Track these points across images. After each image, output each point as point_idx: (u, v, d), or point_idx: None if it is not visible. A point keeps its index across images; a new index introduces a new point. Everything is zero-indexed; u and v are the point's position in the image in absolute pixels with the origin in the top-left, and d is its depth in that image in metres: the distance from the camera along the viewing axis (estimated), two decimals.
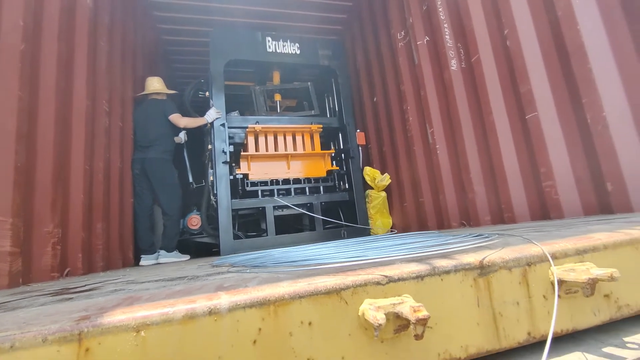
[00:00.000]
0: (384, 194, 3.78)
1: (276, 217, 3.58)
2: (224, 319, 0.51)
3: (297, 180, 3.77)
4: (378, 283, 0.59)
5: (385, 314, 0.54)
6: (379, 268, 0.64)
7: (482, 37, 2.53)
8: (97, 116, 2.65)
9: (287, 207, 3.79)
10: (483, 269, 0.66)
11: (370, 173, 3.82)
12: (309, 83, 4.36)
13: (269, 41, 3.99)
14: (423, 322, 0.52)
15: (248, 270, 0.83)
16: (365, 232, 3.76)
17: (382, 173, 3.86)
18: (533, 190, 2.20)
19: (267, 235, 3.63)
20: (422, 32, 3.22)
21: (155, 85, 3.52)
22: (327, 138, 4.29)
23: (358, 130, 4.16)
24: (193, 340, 0.49)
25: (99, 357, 0.46)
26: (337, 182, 4.00)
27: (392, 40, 3.71)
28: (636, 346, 0.69)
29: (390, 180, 3.75)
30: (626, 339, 0.72)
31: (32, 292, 1.11)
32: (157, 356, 0.48)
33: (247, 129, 3.66)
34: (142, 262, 3.07)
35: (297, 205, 3.65)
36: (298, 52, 4.07)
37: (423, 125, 3.24)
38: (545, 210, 2.09)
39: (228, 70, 3.82)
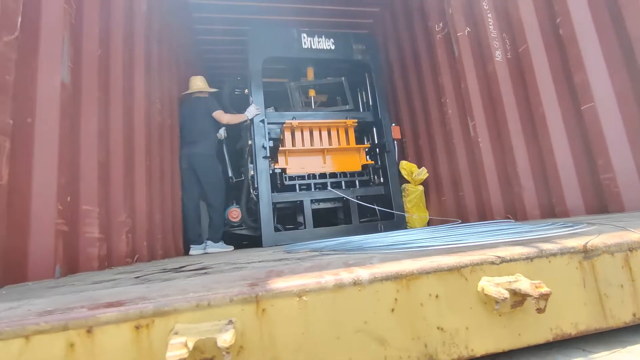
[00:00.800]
0: (421, 187, 3.78)
1: (312, 211, 3.67)
2: (366, 289, 0.58)
3: (333, 175, 3.84)
4: (492, 263, 0.65)
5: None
6: (484, 250, 0.70)
7: (530, 27, 2.47)
8: (152, 114, 2.82)
9: (322, 200, 3.88)
10: (587, 253, 0.69)
11: (406, 167, 3.83)
12: (342, 78, 4.40)
13: (304, 37, 4.05)
14: (545, 296, 0.57)
15: (349, 253, 0.90)
16: (402, 225, 3.78)
17: (419, 167, 3.85)
18: (588, 183, 2.14)
19: (304, 227, 3.73)
20: (462, 23, 3.17)
21: (198, 84, 3.69)
22: (360, 132, 4.31)
23: (393, 124, 4.16)
24: (343, 305, 0.57)
25: (272, 317, 0.54)
26: (372, 176, 4.03)
27: (429, 32, 3.66)
28: None
29: (427, 174, 3.74)
30: None
31: (141, 270, 1.24)
32: (316, 318, 0.56)
33: (284, 125, 3.75)
34: (191, 252, 3.26)
35: (349, 197, 3.66)
36: (333, 47, 4.11)
37: (464, 118, 3.20)
38: (602, 203, 2.04)
39: (264, 67, 3.92)
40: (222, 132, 4.09)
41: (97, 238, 1.70)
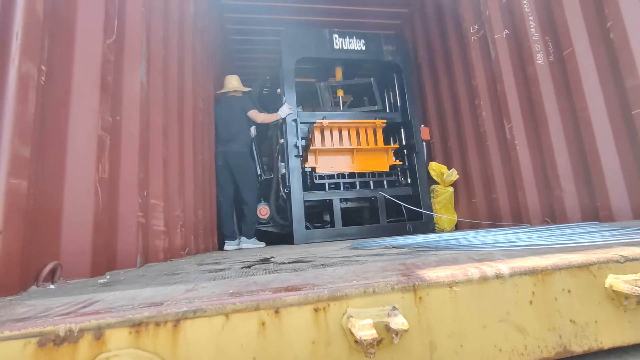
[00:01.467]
0: (451, 189, 3.79)
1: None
2: (507, 282, 0.63)
3: (361, 174, 3.88)
4: (617, 261, 0.68)
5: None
6: (606, 250, 0.73)
7: (577, 30, 2.46)
8: (196, 112, 2.91)
9: (350, 199, 3.93)
10: None
11: (436, 168, 3.84)
12: (371, 78, 4.44)
13: (335, 38, 4.10)
14: None
15: (449, 251, 0.95)
16: (430, 226, 3.81)
17: (447, 168, 3.86)
18: (637, 189, 2.14)
19: (331, 226, 3.78)
20: (500, 26, 3.17)
21: (233, 83, 3.77)
22: (387, 133, 4.33)
23: (422, 125, 4.18)
24: (487, 296, 0.62)
25: (429, 305, 0.60)
26: (399, 176, 4.07)
27: (462, 34, 3.67)
28: None
29: (457, 176, 3.75)
30: None
31: (222, 262, 1.31)
32: (465, 307, 0.61)
33: (314, 124, 3.80)
34: (226, 247, 3.34)
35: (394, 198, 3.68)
36: (363, 48, 4.15)
37: (499, 121, 3.20)
38: None
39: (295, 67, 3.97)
40: (252, 131, 4.18)
41: (162, 231, 1.78)
